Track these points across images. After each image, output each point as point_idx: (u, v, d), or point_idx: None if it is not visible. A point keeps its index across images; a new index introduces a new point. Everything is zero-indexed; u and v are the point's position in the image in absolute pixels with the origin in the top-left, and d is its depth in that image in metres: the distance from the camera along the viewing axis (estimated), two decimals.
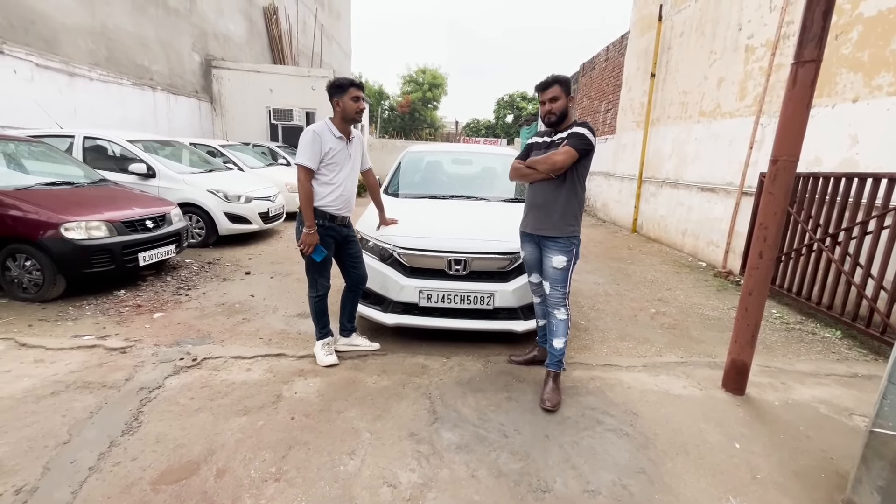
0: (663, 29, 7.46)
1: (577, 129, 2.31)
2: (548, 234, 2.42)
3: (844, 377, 2.86)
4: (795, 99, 2.25)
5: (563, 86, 2.36)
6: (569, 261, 2.40)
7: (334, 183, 2.52)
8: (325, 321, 2.75)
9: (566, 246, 2.39)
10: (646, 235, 7.85)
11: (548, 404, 2.37)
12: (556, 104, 2.37)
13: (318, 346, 2.76)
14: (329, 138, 2.47)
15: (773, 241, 2.40)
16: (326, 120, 2.53)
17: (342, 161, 2.54)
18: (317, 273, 2.63)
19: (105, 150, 5.62)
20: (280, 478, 1.78)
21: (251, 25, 13.73)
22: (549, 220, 2.41)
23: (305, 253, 2.53)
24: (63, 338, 2.96)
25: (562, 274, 2.41)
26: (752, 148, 5.11)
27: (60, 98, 7.30)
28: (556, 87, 2.36)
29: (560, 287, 2.42)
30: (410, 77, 30.92)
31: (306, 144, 2.43)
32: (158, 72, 9.79)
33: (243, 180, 6.52)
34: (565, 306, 2.45)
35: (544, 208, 2.43)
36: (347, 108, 2.48)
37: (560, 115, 2.39)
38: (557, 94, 2.36)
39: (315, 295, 2.67)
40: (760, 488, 1.85)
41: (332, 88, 2.51)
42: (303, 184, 2.45)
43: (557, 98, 2.36)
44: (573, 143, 2.28)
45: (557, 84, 2.36)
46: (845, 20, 4.01)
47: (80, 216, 3.64)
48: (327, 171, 2.50)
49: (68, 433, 1.98)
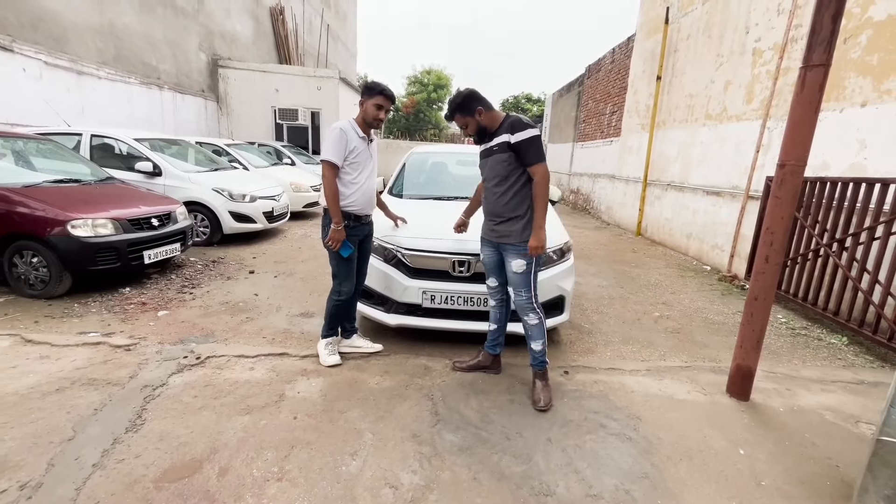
0: (670, 31, 7.44)
1: (520, 135, 2.22)
2: (507, 242, 2.37)
3: (850, 384, 2.84)
4: (804, 103, 2.23)
5: (461, 110, 2.33)
6: (528, 264, 2.33)
7: (357, 183, 2.53)
8: (336, 323, 2.75)
9: (524, 249, 2.32)
10: (650, 238, 7.82)
11: (540, 404, 2.38)
12: (468, 129, 2.38)
13: (322, 344, 2.75)
14: (353, 137, 2.49)
15: (779, 245, 2.38)
16: (350, 119, 2.55)
17: (364, 161, 2.56)
18: (344, 274, 2.61)
19: (112, 148, 5.66)
20: (282, 477, 1.78)
21: (258, 25, 13.81)
22: (507, 228, 2.36)
23: (333, 249, 2.52)
24: (68, 334, 2.97)
25: (523, 278, 2.35)
26: (759, 152, 5.08)
27: (68, 96, 7.37)
28: (458, 117, 2.36)
29: (524, 291, 2.37)
30: (415, 78, 30.96)
31: (333, 141, 2.43)
32: (165, 71, 9.86)
33: (248, 179, 6.55)
34: (534, 310, 2.39)
35: (500, 215, 2.38)
36: (368, 112, 2.51)
37: (479, 133, 2.37)
38: (463, 122, 2.36)
39: (338, 298, 2.66)
40: (765, 495, 1.83)
41: (364, 88, 2.55)
42: (328, 180, 2.45)
43: (465, 124, 2.37)
44: (534, 157, 2.22)
45: (457, 112, 2.35)
46: (854, 24, 3.98)
47: (87, 214, 3.66)
48: (351, 170, 2.51)
49: (73, 430, 1.99)
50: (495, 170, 2.36)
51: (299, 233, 7.06)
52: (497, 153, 2.33)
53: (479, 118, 2.33)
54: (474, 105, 2.32)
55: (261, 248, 5.88)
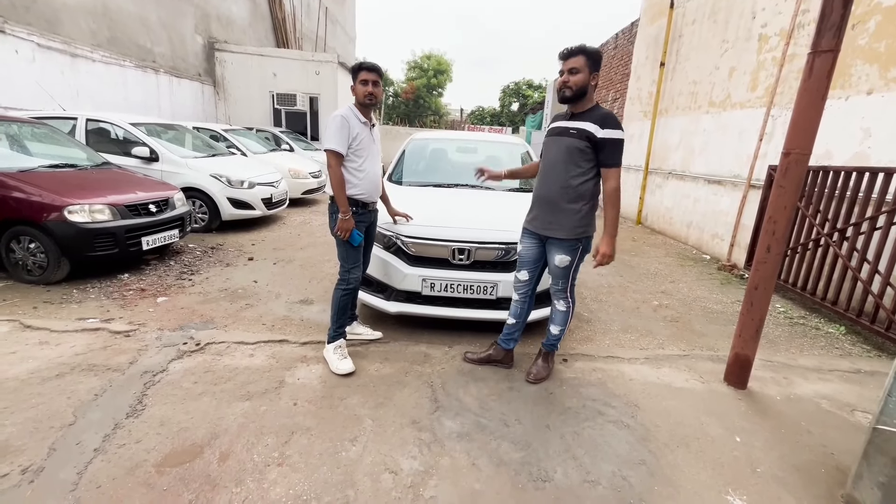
0: (675, 16, 7.30)
1: (609, 133, 2.09)
2: (555, 236, 2.29)
3: (847, 373, 2.86)
4: (811, 90, 2.20)
5: (588, 58, 2.09)
6: (572, 260, 2.30)
7: (363, 170, 2.48)
8: (344, 320, 2.62)
9: (573, 245, 2.28)
10: (650, 227, 7.80)
11: (530, 377, 2.48)
12: (574, 77, 2.10)
13: (331, 349, 2.57)
14: (355, 123, 2.43)
15: (781, 235, 2.37)
16: (350, 105, 2.49)
17: (367, 146, 2.50)
18: (352, 260, 2.54)
19: (108, 132, 5.59)
20: (283, 462, 1.80)
21: (255, 8, 13.53)
22: (558, 220, 2.25)
23: (343, 239, 2.46)
24: (67, 320, 2.97)
25: (564, 271, 2.34)
26: (762, 140, 5.03)
27: (62, 79, 7.25)
28: (579, 58, 2.09)
29: (561, 282, 2.38)
30: (415, 63, 30.49)
31: (335, 129, 2.38)
32: (161, 54, 9.69)
33: (246, 165, 6.49)
34: (565, 298, 2.42)
35: (556, 203, 2.25)
36: (358, 92, 2.45)
37: (577, 90, 2.12)
38: (579, 65, 2.08)
39: (345, 288, 2.55)
40: (761, 482, 1.85)
41: (351, 73, 2.50)
42: (334, 169, 2.39)
43: (578, 71, 2.09)
44: (615, 159, 2.12)
45: (582, 55, 2.09)
46: (863, 10, 3.90)
47: (84, 199, 3.62)
48: (355, 157, 2.45)
49: (73, 415, 2.00)
50: (566, 155, 2.20)
51: (298, 220, 7.03)
52: (574, 138, 2.16)
53: (592, 80, 2.13)
54: (597, 68, 2.12)
55: (260, 234, 5.86)
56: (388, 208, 2.91)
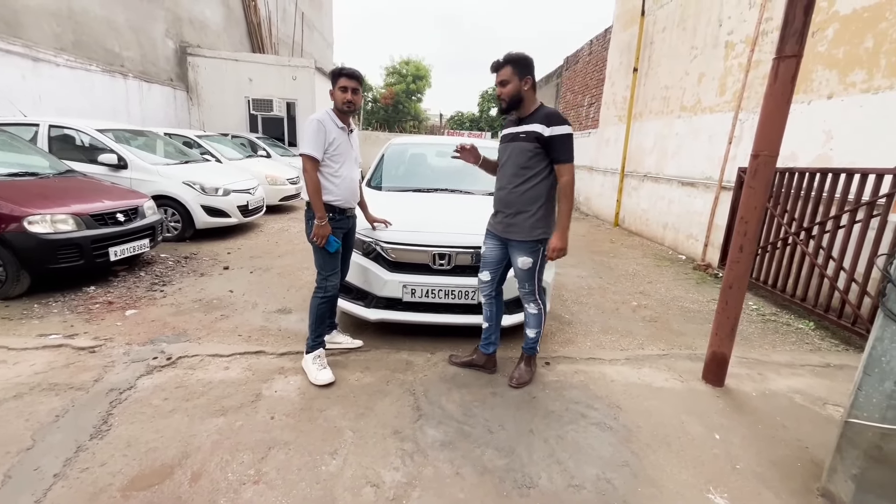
0: (646, 24, 7.50)
1: (556, 130, 2.12)
2: (515, 238, 2.32)
3: (817, 367, 2.95)
4: (776, 94, 2.27)
5: (514, 65, 2.13)
6: (535, 262, 2.32)
7: (340, 175, 2.43)
8: (322, 329, 2.57)
9: (533, 247, 2.31)
10: (628, 229, 7.95)
11: (513, 381, 2.49)
12: (505, 88, 2.16)
13: (309, 359, 2.51)
14: (332, 128, 2.39)
15: (753, 234, 2.43)
16: (328, 110, 2.45)
17: (345, 152, 2.46)
18: (330, 268, 2.49)
19: (73, 139, 5.36)
20: (259, 480, 1.72)
21: (228, 12, 13.29)
22: (517, 222, 2.29)
23: (319, 245, 2.41)
24: (27, 337, 2.81)
25: (527, 273, 2.35)
26: (731, 143, 5.19)
27: (24, 84, 6.94)
28: (506, 69, 2.14)
29: (527, 285, 2.38)
30: (394, 69, 30.48)
31: (311, 134, 2.33)
32: (130, 58, 9.40)
33: (221, 172, 6.32)
34: (535, 301, 2.42)
35: (512, 206, 2.30)
36: (337, 98, 2.41)
37: (510, 100, 2.18)
38: (507, 76, 2.14)
39: (323, 296, 2.50)
40: (740, 478, 1.88)
41: (330, 78, 2.46)
42: (310, 174, 2.34)
43: (507, 82, 2.15)
44: (566, 155, 2.15)
45: (508, 65, 2.14)
46: (822, 17, 4.08)
47: (45, 209, 3.45)
48: (332, 162, 2.41)
49: (32, 438, 1.88)
50: (517, 159, 2.24)
51: (276, 227, 6.89)
52: (523, 141, 2.20)
53: (523, 87, 2.16)
54: (527, 72, 2.15)
55: (236, 243, 5.70)
56: (365, 215, 2.85)
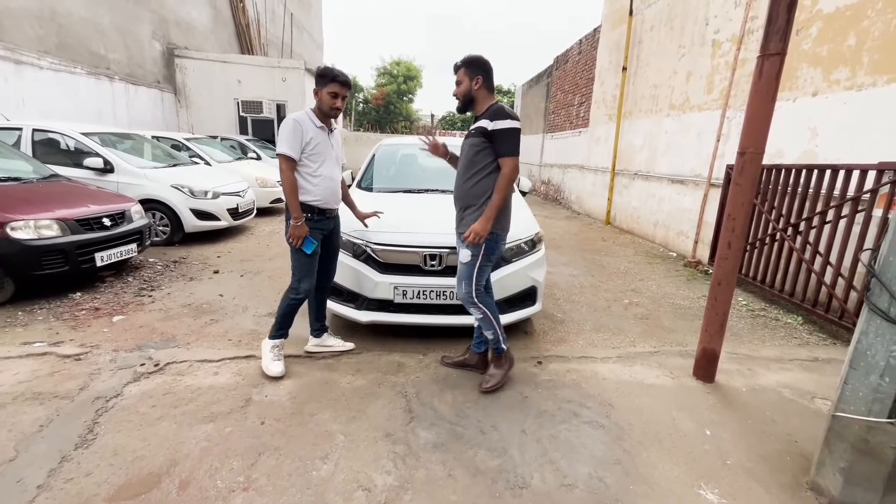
0: (634, 23, 7.56)
1: (499, 124, 2.15)
2: (461, 231, 2.33)
3: (806, 361, 2.98)
4: (761, 92, 2.29)
5: (468, 67, 2.25)
6: (474, 256, 2.25)
7: (319, 175, 2.41)
8: (287, 324, 2.58)
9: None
10: (619, 227, 8.00)
11: (482, 387, 2.44)
12: (458, 88, 2.30)
13: (268, 346, 2.54)
14: (310, 127, 2.37)
15: (740, 231, 2.45)
16: (308, 109, 2.44)
17: (324, 151, 2.43)
18: (304, 271, 2.48)
19: (57, 143, 5.28)
20: (248, 487, 1.70)
21: (216, 13, 13.18)
22: (465, 217, 2.31)
23: (295, 246, 2.40)
24: (11, 345, 2.76)
25: (466, 269, 2.28)
26: (719, 140, 5.24)
27: (6, 87, 6.83)
28: (460, 71, 2.28)
29: (464, 284, 2.29)
30: (385, 69, 30.44)
31: (287, 133, 2.32)
32: (116, 60, 9.28)
33: (210, 175, 6.26)
34: (474, 304, 2.31)
35: (462, 201, 2.33)
36: (323, 101, 2.38)
37: (463, 99, 2.30)
38: (460, 77, 2.28)
39: (295, 297, 2.51)
40: (731, 474, 1.89)
41: (317, 76, 2.41)
42: (286, 174, 2.33)
43: (460, 82, 2.29)
44: (507, 149, 2.16)
45: (462, 67, 2.27)
46: (806, 16, 4.14)
47: (29, 214, 3.39)
48: (310, 162, 2.39)
49: (14, 449, 1.84)
50: (467, 154, 2.30)
51: (266, 230, 6.83)
52: (474, 137, 2.26)
53: (473, 86, 2.26)
54: (479, 72, 2.25)
55: (226, 246, 5.65)
56: (355, 213, 2.83)
